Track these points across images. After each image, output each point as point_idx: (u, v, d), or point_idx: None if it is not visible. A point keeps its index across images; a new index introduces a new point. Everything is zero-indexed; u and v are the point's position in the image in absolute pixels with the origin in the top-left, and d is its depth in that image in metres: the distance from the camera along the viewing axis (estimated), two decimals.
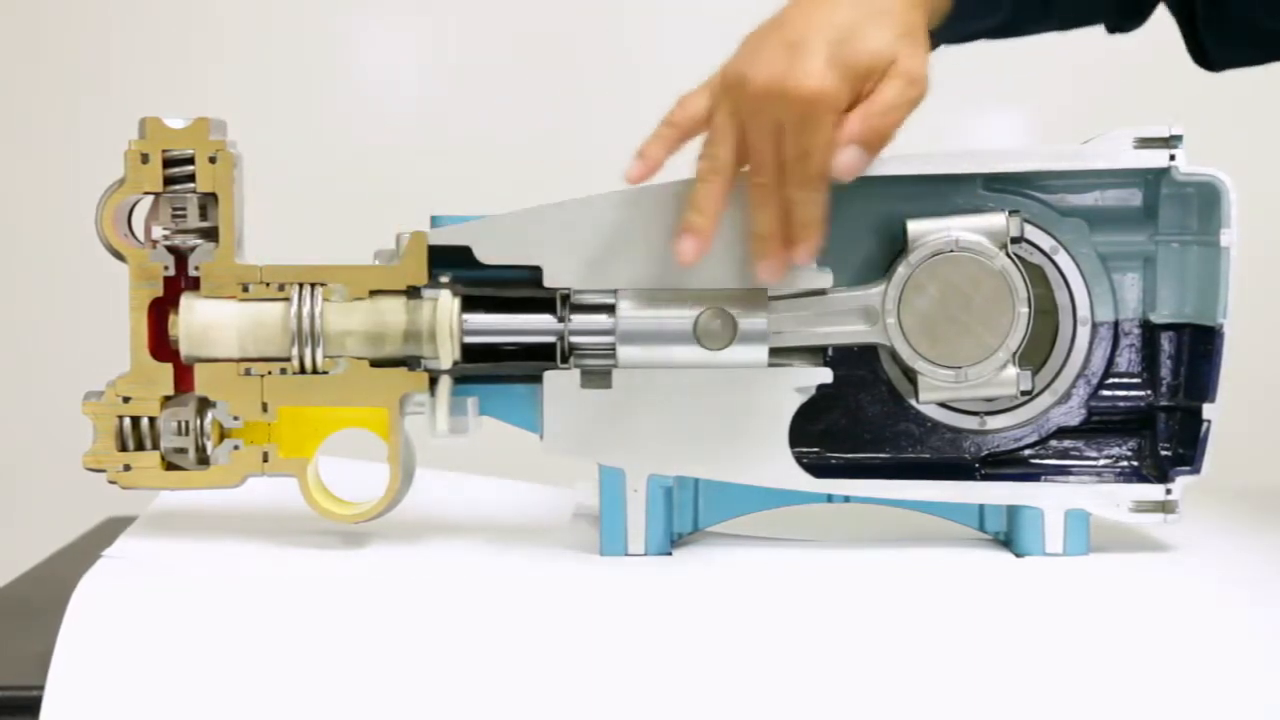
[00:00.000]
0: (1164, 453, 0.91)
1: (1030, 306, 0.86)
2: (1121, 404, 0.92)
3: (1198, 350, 0.90)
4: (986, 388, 0.87)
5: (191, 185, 0.86)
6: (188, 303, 0.86)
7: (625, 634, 0.75)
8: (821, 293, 0.87)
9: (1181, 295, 0.91)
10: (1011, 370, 0.87)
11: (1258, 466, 1.17)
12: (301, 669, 0.73)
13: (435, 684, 0.73)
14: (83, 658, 0.73)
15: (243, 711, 0.72)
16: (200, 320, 0.86)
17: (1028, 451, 0.92)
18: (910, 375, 0.88)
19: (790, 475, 0.87)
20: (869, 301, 0.87)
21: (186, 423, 0.86)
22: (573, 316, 0.86)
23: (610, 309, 0.86)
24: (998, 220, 0.87)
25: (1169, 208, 0.90)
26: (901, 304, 0.86)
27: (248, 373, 0.87)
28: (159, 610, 0.76)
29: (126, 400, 0.87)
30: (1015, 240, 0.87)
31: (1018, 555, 0.88)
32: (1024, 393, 0.88)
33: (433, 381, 0.87)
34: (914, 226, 0.87)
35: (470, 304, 0.86)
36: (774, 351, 0.86)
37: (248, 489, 0.88)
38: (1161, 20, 1.35)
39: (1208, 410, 0.87)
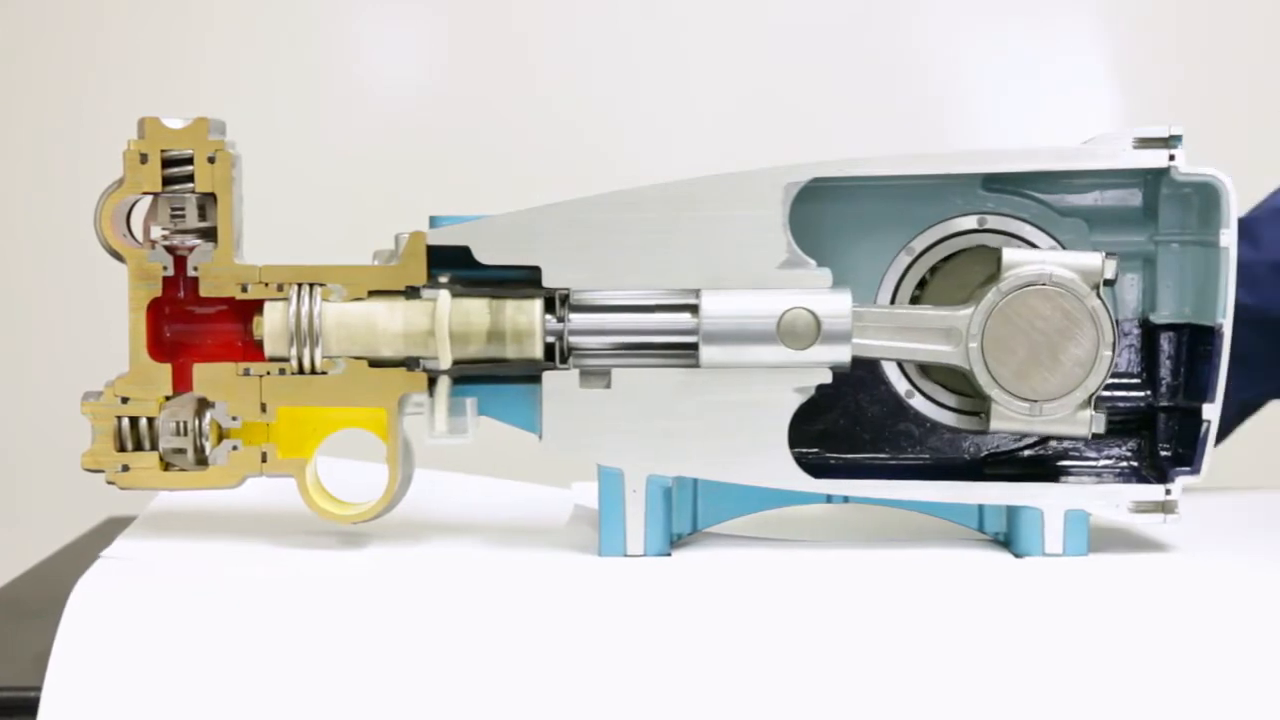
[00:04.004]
0: (1163, 453, 0.91)
1: (1114, 350, 0.86)
2: (1121, 404, 0.92)
3: (1197, 350, 0.90)
4: (1059, 425, 0.87)
5: (190, 185, 0.86)
6: (271, 305, 0.86)
7: (624, 635, 0.75)
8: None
9: (1181, 295, 0.91)
10: (1086, 413, 0.86)
11: (1257, 466, 1.17)
12: (300, 669, 0.73)
13: (434, 684, 0.73)
14: (81, 658, 0.73)
15: (241, 712, 0.72)
16: (282, 321, 0.86)
17: (1027, 452, 0.92)
18: (980, 401, 0.88)
19: (789, 475, 0.87)
20: (954, 323, 0.87)
21: (185, 423, 0.86)
22: (572, 316, 0.86)
23: (610, 309, 0.86)
24: (1094, 260, 0.86)
25: (1169, 208, 0.90)
26: (986, 330, 0.86)
27: (246, 373, 0.86)
28: (157, 611, 0.76)
29: (125, 401, 0.86)
30: (1109, 282, 0.86)
31: (1017, 556, 0.88)
32: (1095, 435, 0.87)
33: (431, 382, 0.87)
34: (1009, 255, 0.86)
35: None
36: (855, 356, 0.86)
37: (246, 489, 0.88)
38: (1160, 20, 1.35)
39: (1207, 410, 0.87)
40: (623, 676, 0.73)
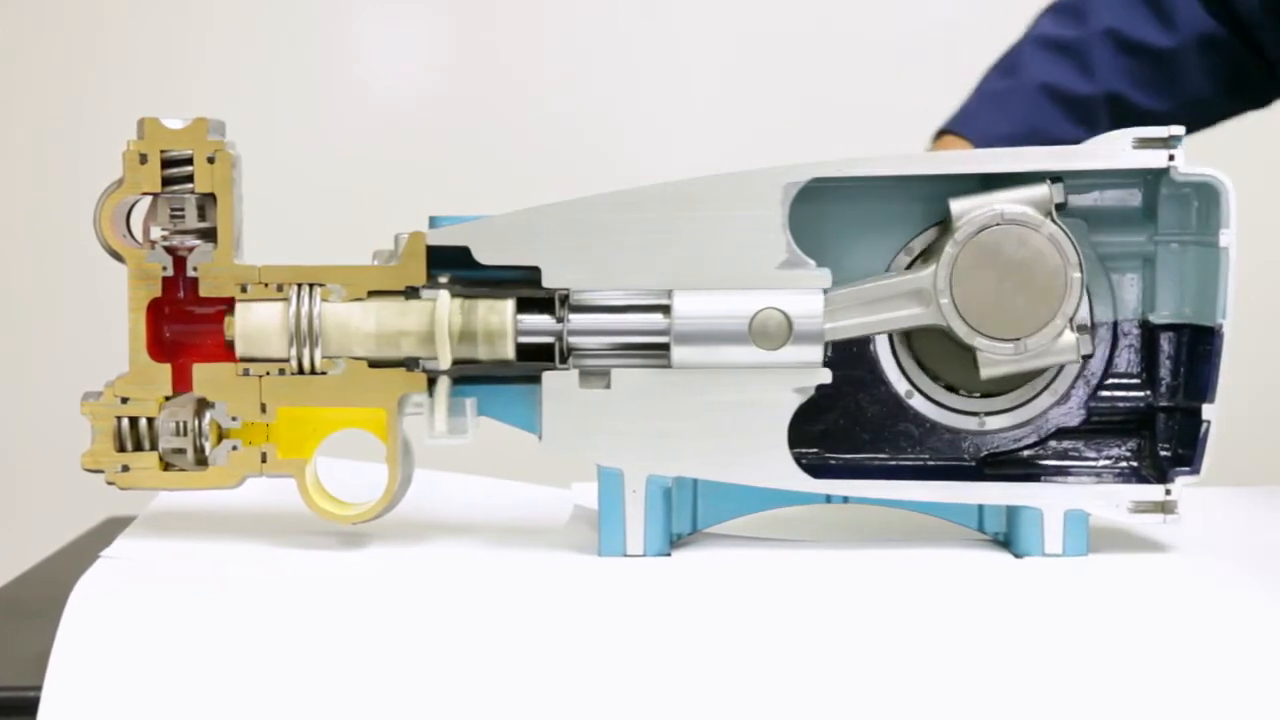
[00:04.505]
0: (1163, 453, 0.91)
1: (1083, 271, 0.86)
2: (1121, 404, 0.92)
3: (1197, 350, 0.90)
4: (1047, 356, 0.87)
5: (190, 186, 0.86)
6: (244, 305, 0.86)
7: (624, 635, 0.75)
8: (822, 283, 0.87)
9: (1181, 295, 0.91)
10: (1070, 336, 0.86)
11: (1257, 467, 1.17)
12: (299, 670, 0.73)
13: (434, 684, 0.73)
14: (81, 658, 0.73)
15: (240, 712, 0.72)
16: (256, 322, 0.86)
17: (1027, 452, 0.92)
18: (969, 353, 0.88)
19: (789, 476, 0.87)
20: (921, 284, 0.87)
21: (185, 423, 0.86)
22: (571, 317, 0.86)
23: (609, 309, 0.86)
24: (1040, 190, 0.86)
25: (1168, 208, 0.90)
26: (954, 283, 0.86)
27: (246, 373, 0.86)
28: (157, 611, 0.76)
29: (125, 401, 0.86)
30: (1060, 207, 0.86)
31: (1017, 556, 0.88)
32: (1085, 357, 0.88)
33: (431, 382, 0.87)
34: (956, 205, 0.87)
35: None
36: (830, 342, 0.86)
37: (246, 490, 0.88)
38: None
39: (1207, 411, 0.87)
40: (623, 676, 0.73)
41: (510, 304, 0.86)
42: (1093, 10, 1.25)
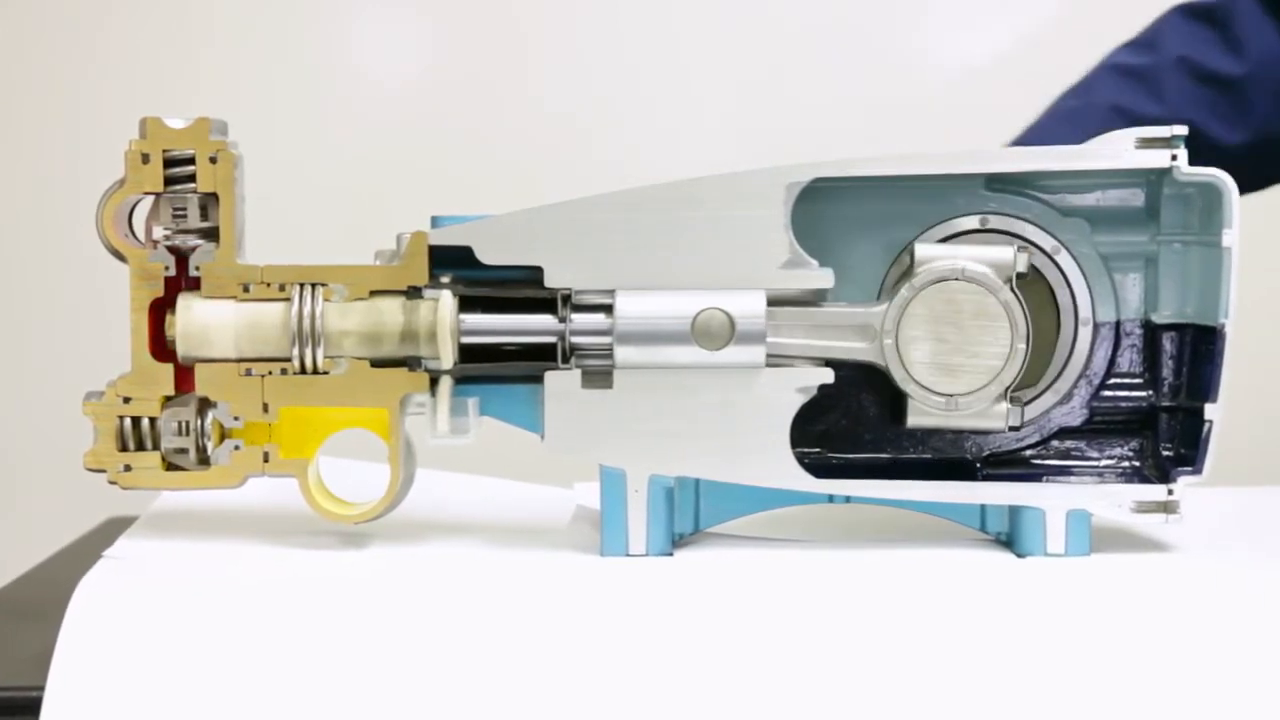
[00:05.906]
0: (1166, 453, 0.91)
1: (1028, 345, 0.86)
2: (1123, 404, 0.92)
3: (1199, 350, 0.90)
4: (976, 419, 0.87)
5: (192, 185, 0.86)
6: (185, 303, 0.86)
7: (627, 634, 0.75)
8: (819, 302, 0.86)
9: (1183, 295, 0.90)
10: (1003, 405, 0.87)
11: (1259, 466, 1.17)
12: (302, 670, 0.73)
13: (436, 684, 0.73)
14: (83, 658, 0.73)
15: (243, 712, 0.72)
16: (198, 320, 0.86)
17: (1029, 452, 0.92)
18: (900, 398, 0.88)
19: (791, 475, 0.87)
20: (869, 320, 0.87)
21: (187, 423, 0.86)
22: (574, 316, 0.86)
23: (612, 309, 0.86)
24: (1005, 254, 0.86)
25: (1171, 208, 0.90)
26: (900, 326, 0.86)
27: (248, 373, 0.86)
28: (160, 611, 0.76)
29: (127, 400, 0.86)
30: (1020, 276, 0.86)
31: (1019, 555, 0.88)
32: (1012, 428, 0.88)
33: (433, 382, 0.87)
34: (921, 250, 0.87)
35: (471, 304, 0.86)
36: (771, 355, 0.86)
37: (248, 489, 0.88)
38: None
39: (1209, 410, 0.87)
40: (625, 676, 0.73)
41: (452, 303, 0.85)
42: (1164, 41, 1.25)
